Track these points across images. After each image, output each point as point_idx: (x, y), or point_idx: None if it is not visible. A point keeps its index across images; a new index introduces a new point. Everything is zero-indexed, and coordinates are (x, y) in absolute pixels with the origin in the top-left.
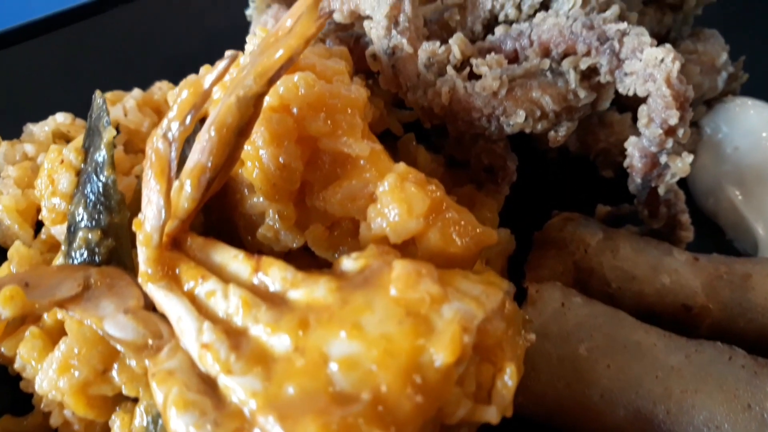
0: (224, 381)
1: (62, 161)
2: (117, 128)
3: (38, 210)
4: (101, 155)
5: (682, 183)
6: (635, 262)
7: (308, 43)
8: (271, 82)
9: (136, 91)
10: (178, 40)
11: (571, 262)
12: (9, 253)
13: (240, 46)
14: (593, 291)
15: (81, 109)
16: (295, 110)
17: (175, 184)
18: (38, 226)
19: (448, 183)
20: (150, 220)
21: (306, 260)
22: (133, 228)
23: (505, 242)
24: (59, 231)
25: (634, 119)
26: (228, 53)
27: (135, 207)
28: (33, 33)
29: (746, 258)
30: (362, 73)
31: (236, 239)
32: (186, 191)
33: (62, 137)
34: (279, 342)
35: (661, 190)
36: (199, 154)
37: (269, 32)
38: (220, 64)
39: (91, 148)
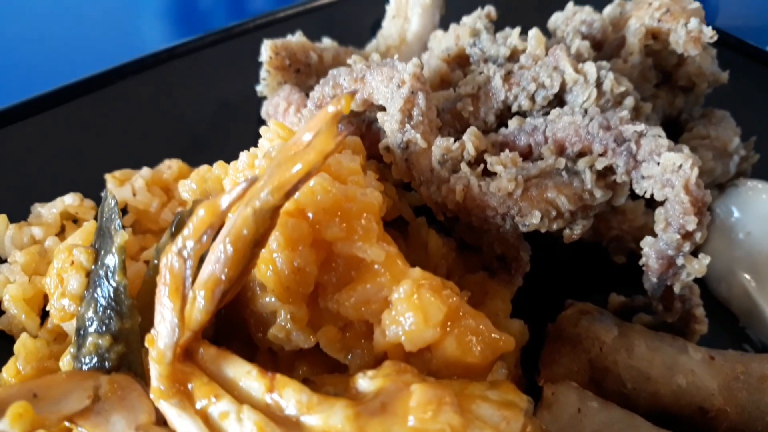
0: None
1: (72, 262)
2: (125, 209)
3: (45, 297)
4: (112, 260)
5: None
6: (650, 362)
7: (327, 158)
8: (289, 195)
9: (145, 170)
10: (188, 114)
11: (586, 361)
12: (15, 348)
13: (250, 121)
14: (608, 391)
15: (89, 186)
16: (310, 215)
17: (189, 295)
18: (45, 312)
19: (460, 267)
20: (163, 338)
21: (318, 359)
22: (146, 344)
23: (519, 334)
24: (68, 325)
25: (647, 205)
26: (242, 155)
27: (144, 301)
28: (38, 108)
29: (762, 356)
30: (374, 159)
31: (246, 336)
32: (200, 303)
33: (70, 218)
34: None
35: (676, 288)
36: (214, 265)
37: (288, 144)
38: (238, 187)
39: (102, 250)
